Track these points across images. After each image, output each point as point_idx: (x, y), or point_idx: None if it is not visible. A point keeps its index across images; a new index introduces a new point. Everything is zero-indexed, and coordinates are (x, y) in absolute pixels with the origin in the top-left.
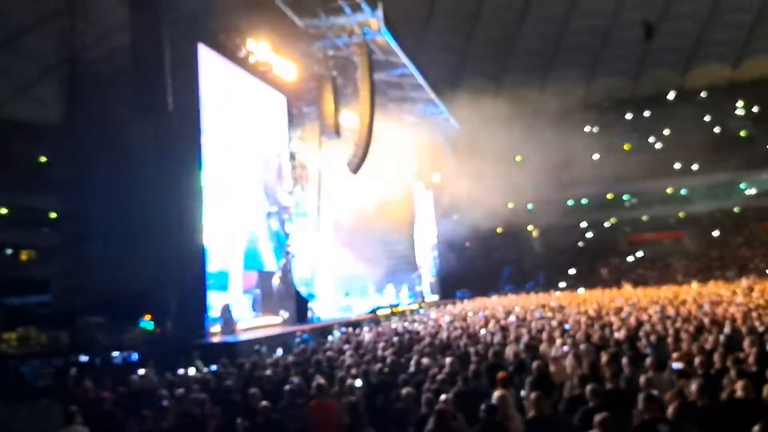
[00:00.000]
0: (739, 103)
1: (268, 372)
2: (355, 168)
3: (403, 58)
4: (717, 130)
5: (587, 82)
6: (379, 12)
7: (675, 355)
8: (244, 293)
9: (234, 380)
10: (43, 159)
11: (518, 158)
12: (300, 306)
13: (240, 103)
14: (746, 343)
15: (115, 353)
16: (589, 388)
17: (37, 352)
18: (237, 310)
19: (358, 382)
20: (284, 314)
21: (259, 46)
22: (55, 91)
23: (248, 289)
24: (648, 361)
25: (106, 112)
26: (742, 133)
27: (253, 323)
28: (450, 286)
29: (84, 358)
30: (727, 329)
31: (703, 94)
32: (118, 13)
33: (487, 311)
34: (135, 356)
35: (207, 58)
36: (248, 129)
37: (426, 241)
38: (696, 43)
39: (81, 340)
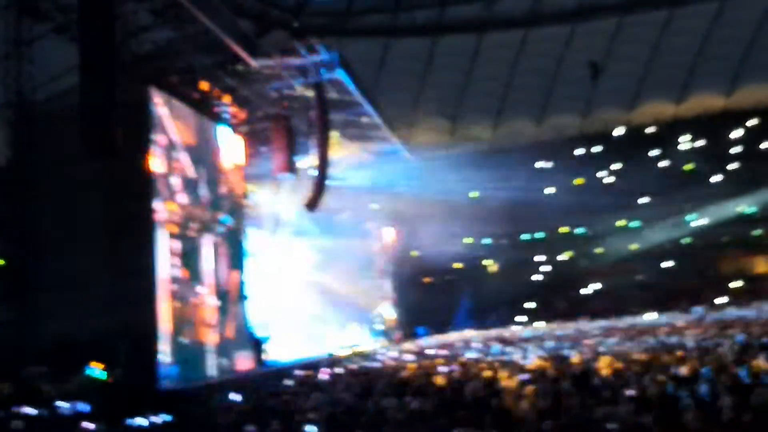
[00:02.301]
0: (685, 138)
1: (223, 419)
2: (313, 206)
3: (359, 98)
4: (664, 164)
5: (538, 121)
6: (335, 53)
7: (629, 386)
8: None
9: (188, 429)
10: None
11: (473, 194)
12: (255, 349)
13: (194, 144)
14: (702, 372)
15: (63, 404)
16: (549, 423)
17: None
18: None
19: (313, 429)
20: None
21: (212, 87)
22: (2, 134)
23: None
24: (604, 393)
25: (55, 155)
26: (689, 167)
27: None
28: (410, 323)
29: (30, 411)
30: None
31: (648, 130)
32: (67, 55)
33: (446, 348)
34: (84, 407)
35: (159, 100)
36: (202, 170)
37: (386, 278)
38: (640, 82)
39: (25, 391)
